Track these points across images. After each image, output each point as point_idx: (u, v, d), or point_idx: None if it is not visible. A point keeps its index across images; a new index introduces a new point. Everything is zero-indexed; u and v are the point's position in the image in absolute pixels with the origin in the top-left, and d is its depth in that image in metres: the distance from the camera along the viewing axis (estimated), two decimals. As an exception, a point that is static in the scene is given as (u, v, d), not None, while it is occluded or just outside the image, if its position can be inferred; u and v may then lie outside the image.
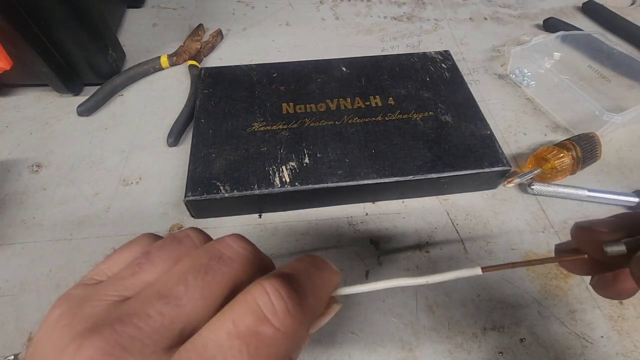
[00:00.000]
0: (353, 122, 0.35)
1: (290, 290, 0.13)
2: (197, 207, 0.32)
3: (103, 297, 0.14)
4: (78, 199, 0.34)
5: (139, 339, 0.12)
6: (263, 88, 0.38)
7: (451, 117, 0.36)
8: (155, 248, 0.16)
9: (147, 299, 0.13)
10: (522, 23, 0.53)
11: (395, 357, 0.27)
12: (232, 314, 0.13)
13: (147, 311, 0.13)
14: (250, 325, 0.12)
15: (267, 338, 0.12)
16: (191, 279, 0.14)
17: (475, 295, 0.29)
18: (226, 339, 0.12)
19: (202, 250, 0.15)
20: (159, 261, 0.15)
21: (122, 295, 0.14)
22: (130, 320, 0.12)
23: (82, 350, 0.12)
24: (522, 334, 0.28)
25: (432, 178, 0.32)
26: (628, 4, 0.57)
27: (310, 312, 0.14)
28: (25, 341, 0.27)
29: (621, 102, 0.43)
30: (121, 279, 0.15)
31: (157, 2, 0.54)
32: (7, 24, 0.33)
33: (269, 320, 0.13)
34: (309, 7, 0.55)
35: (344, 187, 0.32)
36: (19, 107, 0.41)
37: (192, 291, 0.13)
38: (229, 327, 0.12)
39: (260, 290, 0.13)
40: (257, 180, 0.31)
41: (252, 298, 0.13)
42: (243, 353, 0.12)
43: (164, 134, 0.38)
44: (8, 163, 0.36)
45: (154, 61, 0.44)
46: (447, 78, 0.40)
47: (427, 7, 0.56)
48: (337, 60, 0.41)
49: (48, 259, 0.30)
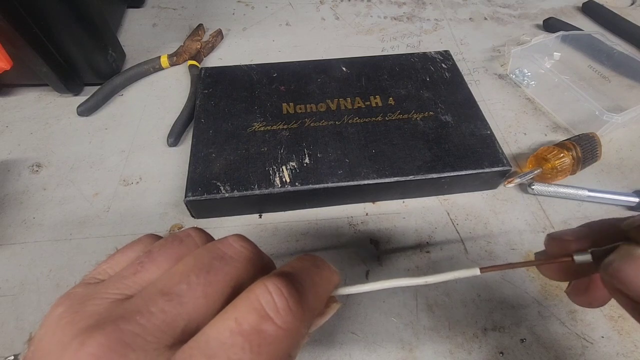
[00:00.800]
0: (353, 122, 0.35)
1: (292, 288, 0.14)
2: (197, 207, 0.32)
3: (105, 295, 0.14)
4: (78, 199, 0.34)
5: (142, 336, 0.12)
6: (263, 88, 0.38)
7: (451, 117, 0.36)
8: (157, 247, 0.16)
9: (149, 297, 0.13)
10: (522, 23, 0.53)
11: (395, 357, 0.27)
12: (235, 312, 0.13)
13: (149, 308, 0.13)
14: (252, 323, 0.13)
15: (269, 336, 0.13)
16: (193, 277, 0.14)
17: (475, 295, 0.29)
18: (229, 336, 0.12)
19: (204, 249, 0.15)
20: (160, 260, 0.15)
21: (124, 294, 0.14)
22: (133, 317, 0.13)
23: (85, 346, 0.12)
24: (523, 334, 0.28)
25: (432, 178, 0.32)
26: (628, 4, 0.57)
27: (310, 310, 0.15)
28: (25, 341, 0.27)
29: (621, 102, 0.43)
30: (123, 277, 0.15)
31: (157, 2, 0.54)
32: (7, 24, 0.33)
33: (271, 318, 0.13)
34: (309, 7, 0.55)
35: (344, 187, 0.32)
36: (19, 107, 0.41)
37: (194, 289, 0.13)
38: (232, 325, 0.13)
39: (263, 289, 0.13)
40: (257, 181, 0.31)
41: (254, 296, 0.13)
42: (245, 350, 0.12)
43: (164, 134, 0.38)
44: (8, 163, 0.36)
45: (154, 61, 0.44)
46: (447, 78, 0.40)
47: (427, 7, 0.56)
48: (337, 61, 0.41)
49: (48, 259, 0.30)
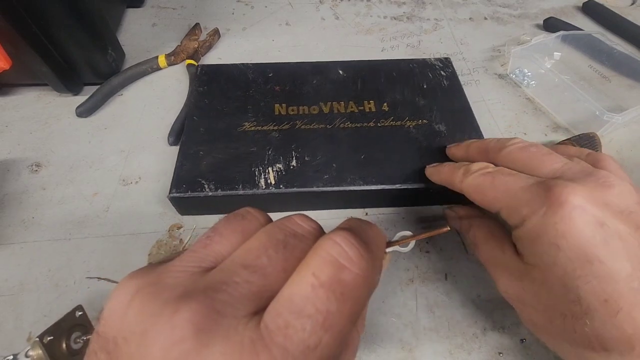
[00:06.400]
0: (345, 126, 0.35)
1: (358, 237, 0.15)
2: (181, 203, 0.32)
3: (180, 268, 0.14)
4: (77, 198, 0.34)
5: (231, 304, 0.13)
6: (258, 88, 0.38)
7: (445, 127, 0.35)
8: (220, 223, 0.17)
9: (231, 269, 0.14)
10: (522, 23, 0.53)
11: (395, 357, 0.27)
12: (310, 268, 0.14)
13: (233, 279, 0.14)
14: (330, 274, 0.13)
15: (349, 283, 0.13)
16: (272, 252, 0.14)
17: (475, 295, 0.29)
18: (311, 290, 0.13)
19: (274, 227, 0.16)
20: (227, 233, 0.16)
21: (200, 266, 0.15)
22: (221, 287, 0.13)
23: (180, 313, 0.12)
24: (523, 334, 0.28)
25: (420, 188, 0.31)
26: (628, 4, 0.57)
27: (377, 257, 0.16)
28: (25, 340, 0.27)
29: (622, 102, 0.43)
30: (193, 251, 0.15)
31: (156, 2, 0.54)
32: (6, 24, 0.33)
33: (346, 267, 0.14)
34: (308, 7, 0.55)
35: (329, 192, 0.31)
36: (18, 107, 0.41)
37: (274, 263, 0.14)
38: (311, 279, 0.13)
39: (331, 243, 0.14)
40: (242, 181, 0.31)
41: (324, 251, 0.14)
42: (331, 300, 0.13)
43: (163, 134, 0.38)
44: (7, 163, 0.36)
45: (152, 61, 0.44)
46: (445, 86, 0.39)
47: (427, 6, 0.56)
48: (334, 63, 0.41)
49: (47, 259, 0.30)
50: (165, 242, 0.32)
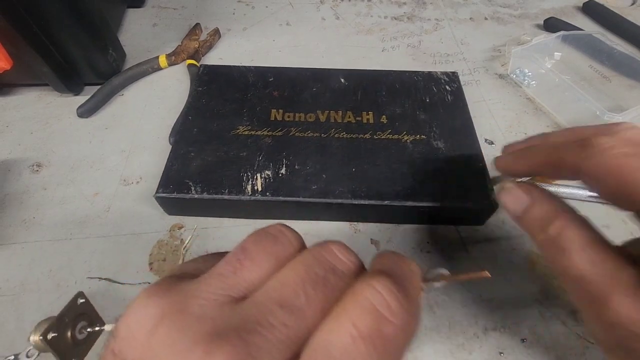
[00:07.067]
0: (340, 137, 0.34)
1: (398, 285, 0.14)
2: (167, 204, 0.32)
3: (207, 295, 0.13)
4: (78, 198, 0.34)
5: (267, 350, 0.12)
6: (257, 91, 0.37)
7: (444, 144, 0.34)
8: (250, 243, 0.15)
9: (265, 307, 0.13)
10: (522, 23, 0.53)
11: (396, 357, 0.27)
12: (349, 316, 0.13)
13: (269, 320, 0.12)
14: (371, 325, 0.12)
15: (390, 335, 0.13)
16: (310, 289, 0.13)
17: (476, 295, 0.29)
18: (351, 342, 0.12)
19: (311, 257, 0.15)
20: (259, 259, 0.15)
21: (229, 295, 0.14)
22: (256, 329, 0.12)
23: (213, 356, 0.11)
24: (524, 334, 0.28)
25: (409, 206, 0.30)
26: (628, 4, 0.57)
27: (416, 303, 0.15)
28: (26, 340, 0.27)
29: (622, 102, 0.43)
30: (222, 275, 0.14)
31: (157, 2, 0.54)
32: (7, 24, 0.33)
33: (387, 318, 0.13)
34: (309, 7, 0.55)
35: (315, 204, 0.30)
36: (19, 107, 0.41)
37: (313, 303, 0.13)
38: (350, 329, 0.12)
39: (372, 290, 0.13)
40: (229, 185, 0.30)
41: (364, 298, 0.13)
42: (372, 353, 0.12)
43: (164, 134, 0.38)
44: (8, 163, 0.36)
45: (153, 61, 0.44)
46: (449, 101, 0.37)
47: (427, 6, 0.56)
48: (336, 71, 0.39)
49: (48, 259, 0.30)
50: (166, 242, 0.32)
